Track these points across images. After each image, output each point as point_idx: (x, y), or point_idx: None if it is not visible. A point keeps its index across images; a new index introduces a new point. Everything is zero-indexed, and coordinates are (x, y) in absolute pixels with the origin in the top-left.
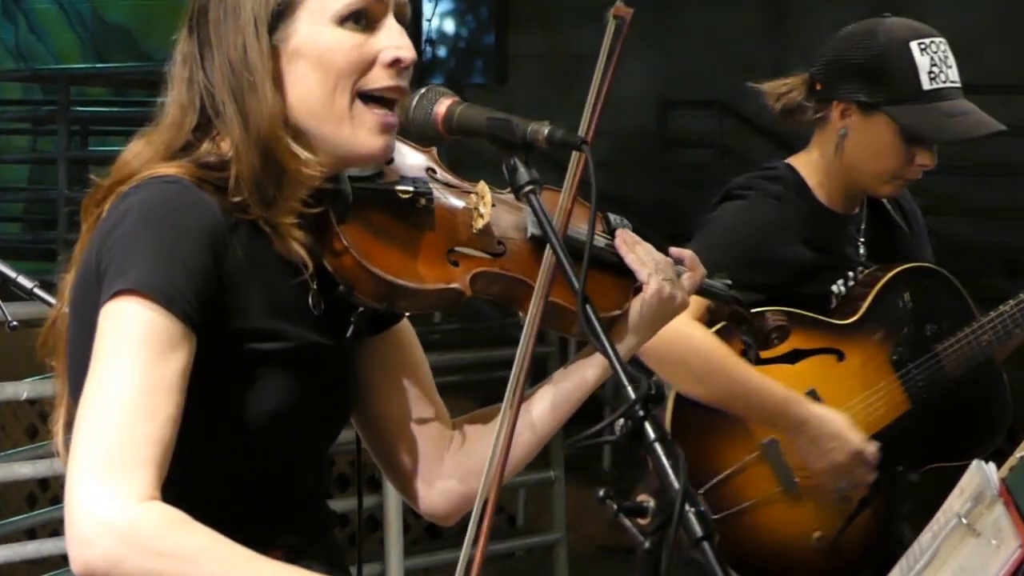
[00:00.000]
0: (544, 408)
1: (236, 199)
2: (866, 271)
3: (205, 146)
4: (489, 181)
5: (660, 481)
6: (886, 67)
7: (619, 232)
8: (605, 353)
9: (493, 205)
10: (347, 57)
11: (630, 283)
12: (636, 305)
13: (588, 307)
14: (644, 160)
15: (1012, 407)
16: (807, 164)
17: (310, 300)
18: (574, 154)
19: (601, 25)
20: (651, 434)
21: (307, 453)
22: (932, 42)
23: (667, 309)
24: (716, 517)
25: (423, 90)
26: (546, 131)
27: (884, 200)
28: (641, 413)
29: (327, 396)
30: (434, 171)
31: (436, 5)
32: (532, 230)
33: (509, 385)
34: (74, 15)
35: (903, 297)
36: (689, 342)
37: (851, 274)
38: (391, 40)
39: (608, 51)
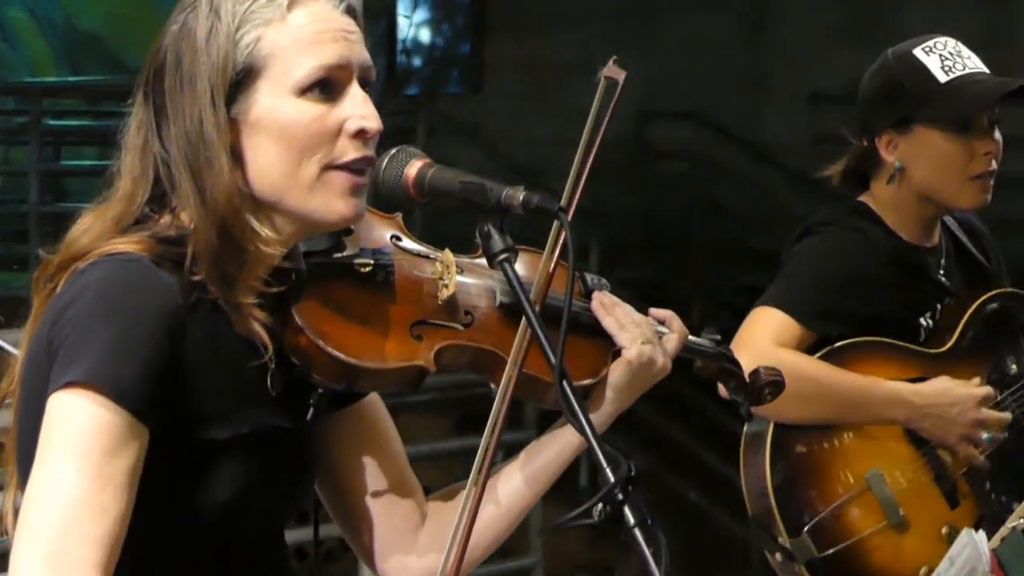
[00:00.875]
0: (518, 484)
1: (195, 278)
2: (951, 301)
3: (164, 219)
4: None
5: (642, 568)
6: (900, 81)
7: (596, 294)
8: (583, 433)
9: (460, 271)
10: (310, 130)
11: (608, 347)
12: (615, 370)
13: (565, 384)
14: (622, 169)
15: None
16: (877, 202)
17: (269, 381)
18: (555, 222)
19: (575, 34)
20: (631, 519)
21: (265, 533)
22: (936, 43)
23: (648, 373)
24: (825, 554)
25: (393, 151)
26: (521, 196)
27: (959, 232)
28: (620, 496)
29: (285, 478)
30: (399, 238)
31: (415, 12)
32: (501, 298)
33: (477, 459)
34: (46, 23)
35: (992, 324)
36: (784, 367)
37: (938, 306)
38: (355, 109)
39: (597, 113)
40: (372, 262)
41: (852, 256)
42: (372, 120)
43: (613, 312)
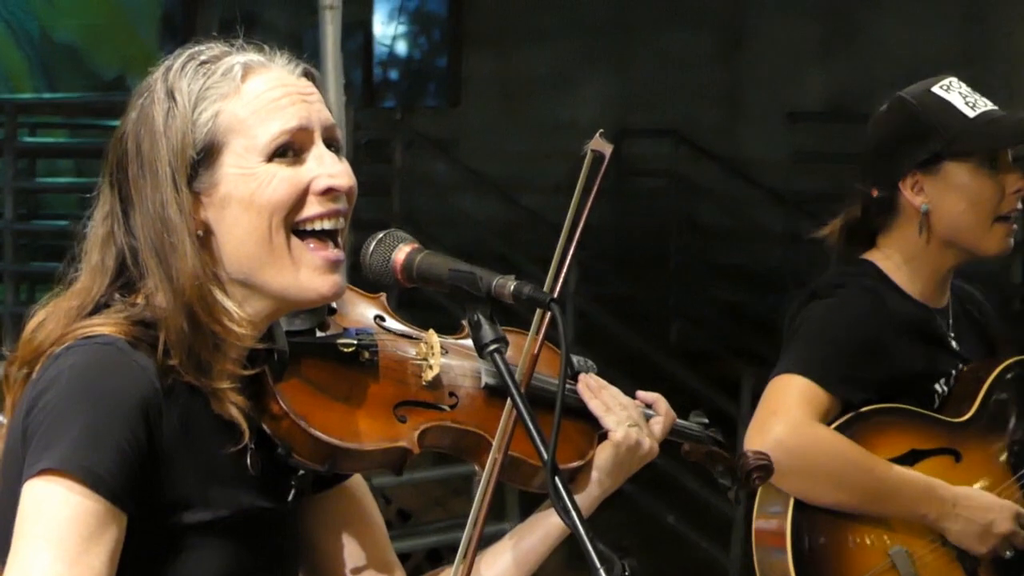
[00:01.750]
0: (506, 565)
1: (171, 362)
2: (966, 367)
3: (139, 300)
4: None
5: None
6: (926, 118)
7: (583, 377)
8: (576, 531)
9: (444, 352)
10: (278, 192)
11: (595, 429)
12: (601, 453)
13: (557, 479)
14: (599, 185)
15: None
16: (887, 259)
17: (248, 462)
18: (539, 310)
19: (552, 49)
20: None
21: None
22: (950, 82)
23: (634, 457)
24: None
25: (381, 235)
26: (512, 286)
27: (957, 296)
28: None
29: (268, 562)
30: (382, 318)
31: (396, 26)
32: (486, 379)
33: (463, 540)
34: (22, 34)
35: (1013, 393)
36: (820, 446)
37: (953, 372)
38: (323, 168)
39: (583, 187)
40: (355, 342)
41: (868, 319)
42: (342, 178)
43: (600, 395)
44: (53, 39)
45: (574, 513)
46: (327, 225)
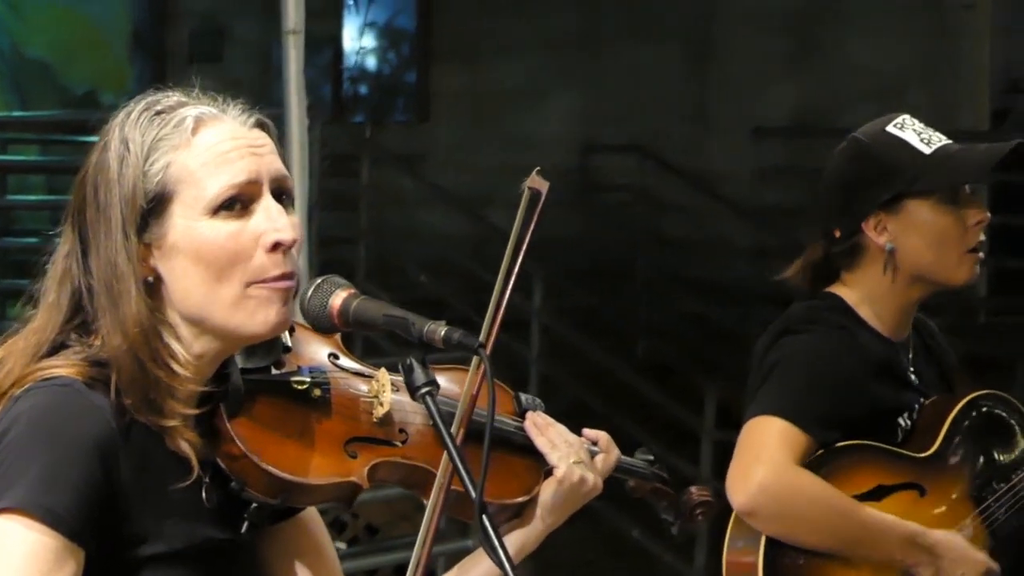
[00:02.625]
0: None
1: (124, 401)
2: (928, 401)
3: (97, 341)
4: None
5: None
6: (884, 158)
7: (530, 414)
8: (502, 568)
9: (395, 390)
10: (225, 248)
11: (541, 466)
12: (547, 488)
13: (485, 518)
14: (566, 200)
15: None
16: (852, 294)
17: (203, 495)
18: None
19: (521, 64)
20: None
21: None
22: (903, 119)
23: (579, 493)
24: None
25: (319, 281)
26: (443, 332)
27: (916, 328)
28: None
29: None
30: (336, 356)
31: (365, 41)
32: None
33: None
34: None
35: (976, 427)
36: (803, 493)
37: (916, 406)
38: (270, 223)
39: (521, 224)
40: (309, 380)
41: (842, 358)
42: (287, 231)
43: (546, 432)
44: (24, 55)
45: (501, 552)
46: (277, 284)
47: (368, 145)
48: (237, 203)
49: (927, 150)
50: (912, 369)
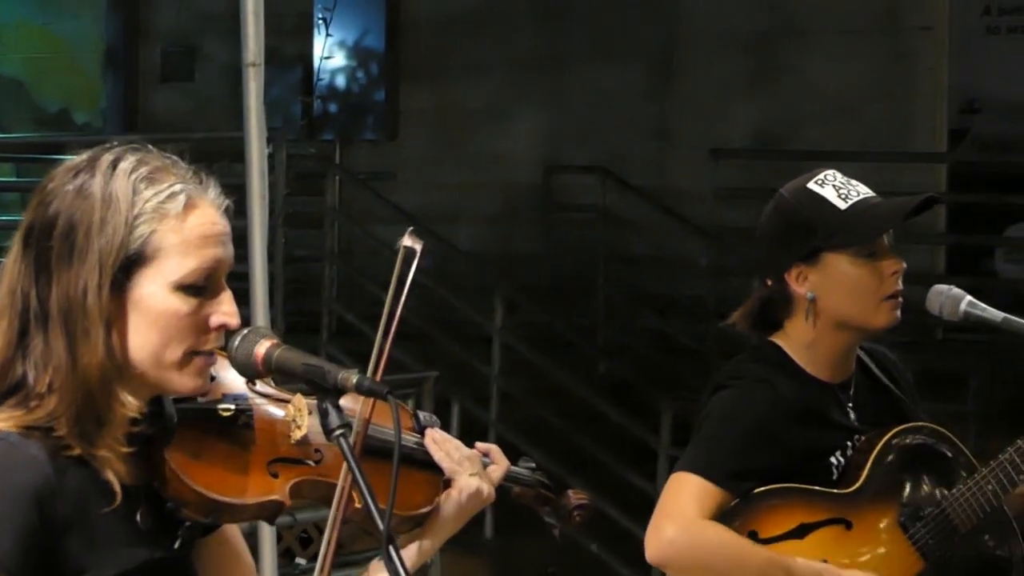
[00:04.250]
0: None
1: (58, 434)
2: (862, 438)
3: (31, 372)
4: None
5: None
6: (802, 215)
7: (429, 431)
8: None
9: (311, 412)
10: (182, 323)
11: (439, 478)
12: (446, 499)
13: (392, 550)
14: (528, 219)
15: None
16: (789, 341)
17: (139, 518)
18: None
19: (487, 84)
20: None
21: None
22: (825, 176)
23: (475, 501)
24: None
25: (245, 332)
26: (355, 379)
27: (871, 363)
28: None
29: None
30: (253, 383)
31: (335, 60)
32: None
33: None
34: None
35: (901, 458)
36: (708, 545)
37: (848, 444)
38: (224, 308)
39: (398, 279)
40: (233, 407)
41: (758, 413)
42: (234, 317)
43: (444, 447)
44: None
45: (403, 574)
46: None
47: (334, 163)
48: (199, 285)
49: (843, 205)
50: (852, 405)
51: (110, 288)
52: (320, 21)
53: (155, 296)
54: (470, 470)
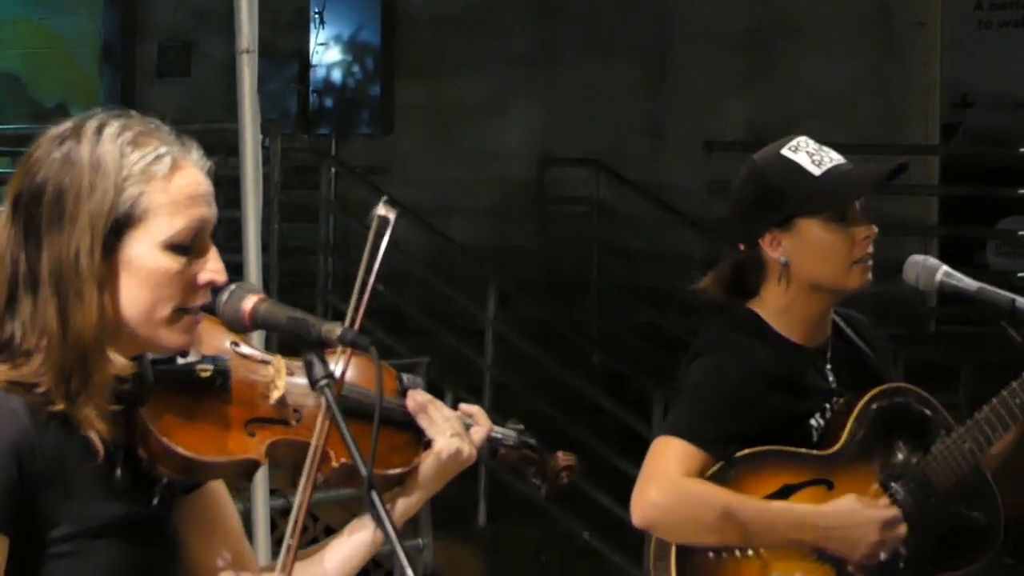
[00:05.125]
0: (338, 560)
1: (41, 390)
2: (841, 400)
3: (18, 331)
4: None
5: None
6: (776, 181)
7: (411, 392)
8: (387, 535)
9: (291, 374)
10: (171, 281)
11: (420, 439)
12: (426, 459)
13: (374, 494)
14: (522, 212)
15: (1003, 513)
16: (763, 306)
17: (117, 473)
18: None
19: (482, 79)
20: None
21: None
22: (798, 142)
23: (456, 462)
24: None
25: (233, 287)
26: (338, 332)
27: (846, 328)
28: None
29: (146, 560)
30: (237, 344)
31: (331, 55)
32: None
33: (285, 539)
34: None
35: (880, 419)
36: (691, 500)
37: (827, 405)
38: (211, 265)
39: (372, 247)
40: (212, 368)
41: (737, 378)
42: (221, 274)
43: (425, 409)
44: None
45: (387, 521)
46: (200, 308)
47: (331, 157)
48: (186, 243)
49: (816, 171)
50: (830, 368)
51: (101, 250)
52: (316, 16)
53: (145, 256)
54: (450, 431)
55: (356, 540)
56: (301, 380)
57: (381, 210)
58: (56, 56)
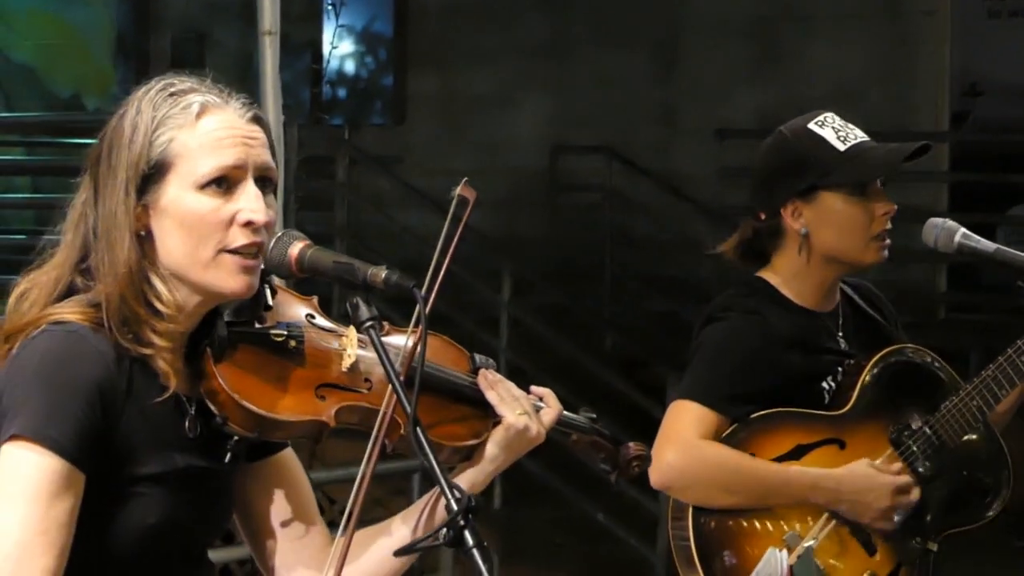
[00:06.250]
0: (407, 531)
1: (112, 332)
2: (851, 362)
3: (96, 283)
4: None
5: None
6: (801, 153)
7: (482, 371)
8: (429, 464)
9: (362, 345)
10: (206, 219)
11: (490, 416)
12: (495, 435)
13: (419, 429)
14: (536, 199)
15: (1011, 468)
16: (776, 275)
17: (187, 425)
18: (418, 306)
19: (494, 69)
20: (470, 541)
21: (190, 554)
22: (824, 117)
23: (523, 439)
24: None
25: (280, 234)
26: (383, 275)
27: (855, 295)
28: (463, 522)
29: (204, 509)
30: (313, 316)
31: (344, 46)
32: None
33: (348, 508)
34: None
35: (890, 378)
36: (706, 461)
37: (839, 368)
38: (247, 204)
39: (449, 224)
40: (286, 333)
41: (750, 341)
42: (260, 214)
43: (495, 387)
44: (10, 59)
45: (428, 450)
46: (245, 251)
47: (344, 146)
48: (223, 183)
49: (842, 147)
50: (841, 334)
51: (138, 198)
52: (329, 7)
53: (180, 199)
54: (519, 410)
55: (429, 511)
56: (372, 354)
57: (462, 190)
58: (70, 48)
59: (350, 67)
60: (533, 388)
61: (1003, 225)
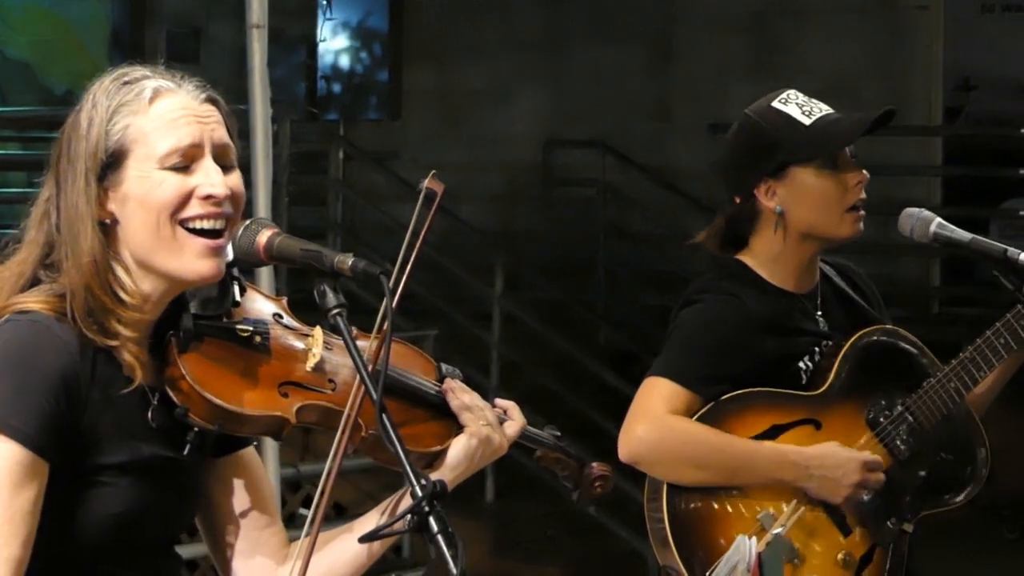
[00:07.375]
0: (356, 544)
1: (78, 323)
2: (829, 343)
3: (63, 278)
4: None
5: (442, 568)
6: (769, 132)
7: (448, 381)
8: (395, 452)
9: (327, 347)
10: (166, 194)
11: (453, 424)
12: (456, 443)
13: (384, 416)
14: (530, 194)
15: (989, 451)
16: (753, 257)
17: (150, 415)
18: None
19: (489, 64)
20: (434, 527)
21: (156, 546)
22: (788, 94)
23: (486, 450)
24: None
25: (248, 222)
26: (350, 262)
27: (835, 276)
28: (427, 509)
29: (169, 499)
30: (280, 316)
31: (339, 41)
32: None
33: (312, 505)
34: None
35: (866, 358)
36: (675, 435)
37: (816, 349)
38: (206, 179)
39: (417, 217)
40: (251, 329)
41: (727, 323)
42: (219, 187)
43: (460, 396)
44: (5, 55)
45: (395, 438)
46: (206, 225)
47: (338, 141)
48: (181, 161)
49: (807, 121)
50: (820, 314)
51: (101, 188)
52: (324, 2)
53: (140, 180)
54: (483, 421)
55: (401, 501)
56: (339, 356)
57: (430, 182)
58: (65, 43)
59: (345, 62)
60: (498, 401)
61: (996, 219)
